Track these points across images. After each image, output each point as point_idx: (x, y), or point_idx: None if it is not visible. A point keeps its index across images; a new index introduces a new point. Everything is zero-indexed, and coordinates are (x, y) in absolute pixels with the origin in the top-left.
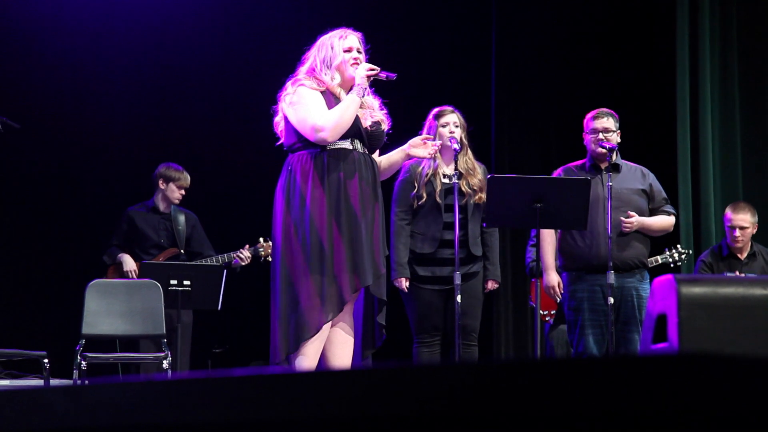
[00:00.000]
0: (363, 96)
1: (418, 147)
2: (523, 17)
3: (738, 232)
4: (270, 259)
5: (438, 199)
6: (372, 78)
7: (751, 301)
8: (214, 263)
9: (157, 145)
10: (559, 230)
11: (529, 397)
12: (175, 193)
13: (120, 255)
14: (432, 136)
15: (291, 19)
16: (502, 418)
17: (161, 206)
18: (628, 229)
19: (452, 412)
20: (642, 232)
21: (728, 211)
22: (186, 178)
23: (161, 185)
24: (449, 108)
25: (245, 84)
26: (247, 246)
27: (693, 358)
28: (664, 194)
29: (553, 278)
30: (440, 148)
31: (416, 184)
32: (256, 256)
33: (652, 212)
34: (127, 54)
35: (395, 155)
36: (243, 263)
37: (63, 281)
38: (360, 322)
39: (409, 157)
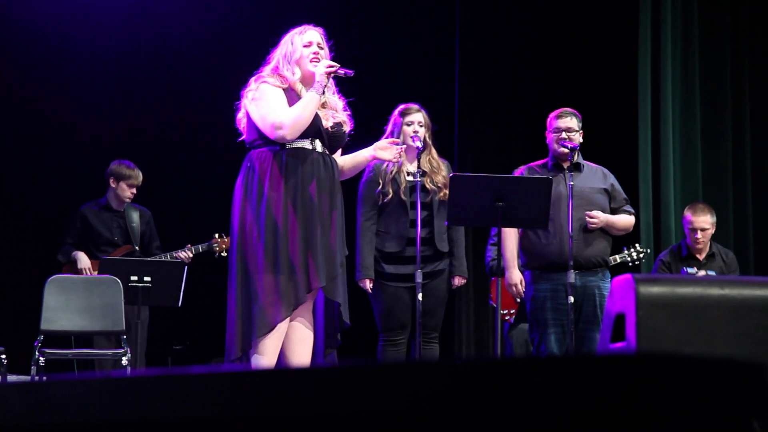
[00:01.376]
0: (323, 93)
1: (385, 150)
2: (487, 16)
3: (699, 234)
4: (225, 255)
5: (403, 196)
6: (332, 75)
7: (708, 301)
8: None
9: (114, 141)
10: (521, 229)
11: (489, 395)
12: (126, 192)
13: (74, 253)
14: (398, 140)
15: (254, 16)
16: (463, 416)
17: (114, 204)
18: (594, 226)
19: (414, 410)
20: (605, 231)
21: (688, 214)
22: (137, 176)
23: (112, 183)
24: (415, 106)
25: (208, 79)
26: (188, 245)
27: (650, 358)
28: (624, 194)
29: (516, 276)
30: (404, 148)
31: (381, 182)
32: (210, 252)
33: (613, 212)
34: (83, 50)
35: (360, 156)
36: (186, 263)
37: (20, 277)
38: (321, 320)
39: (374, 158)
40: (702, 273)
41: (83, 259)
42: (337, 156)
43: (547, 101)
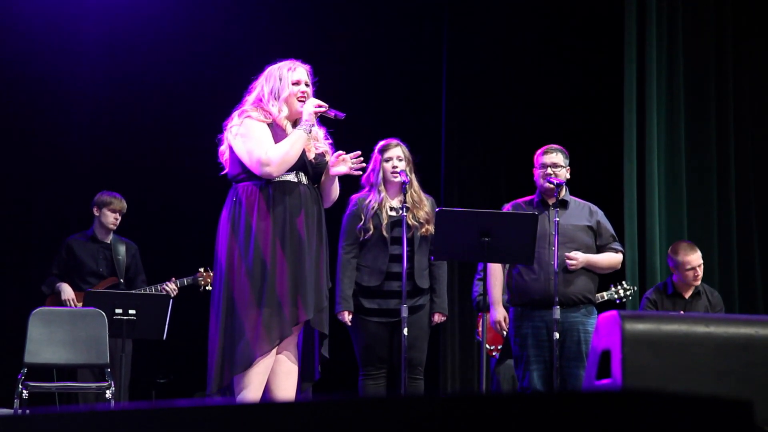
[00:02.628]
0: (310, 132)
1: (337, 165)
2: (474, 48)
3: (699, 271)
4: (210, 289)
5: (384, 232)
6: (319, 114)
7: (693, 338)
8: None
9: (100, 174)
10: (507, 265)
11: (473, 430)
12: (109, 218)
13: (58, 284)
14: (343, 152)
15: (239, 48)
16: None
17: (99, 235)
18: (573, 267)
19: None
20: (589, 269)
21: (680, 255)
22: (118, 202)
23: (96, 212)
24: (394, 141)
25: (192, 112)
26: (173, 278)
27: (636, 395)
28: (612, 231)
29: (500, 313)
30: (383, 181)
31: (363, 217)
32: (195, 285)
33: (600, 249)
34: (73, 78)
35: (324, 180)
36: (171, 295)
37: (4, 309)
38: (299, 355)
39: (335, 177)
40: None
41: (67, 291)
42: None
43: (533, 136)
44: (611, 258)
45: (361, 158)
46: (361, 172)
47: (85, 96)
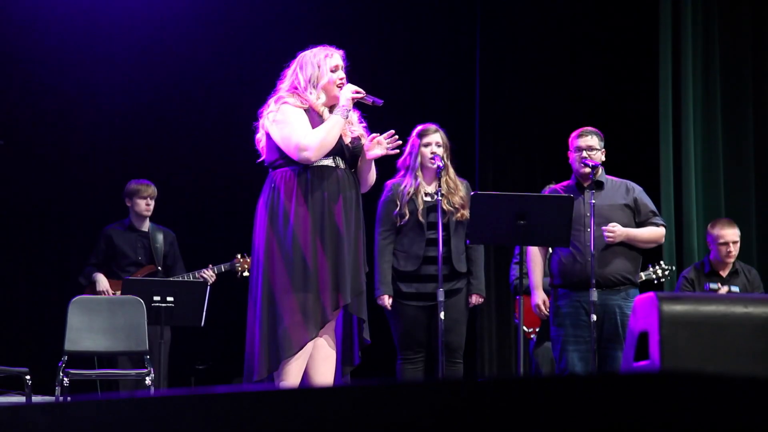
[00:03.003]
0: (347, 117)
1: (374, 148)
2: (507, 35)
3: (732, 248)
4: (246, 275)
5: (420, 217)
6: (356, 100)
7: (731, 319)
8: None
9: (136, 163)
10: (549, 248)
11: (512, 414)
12: (141, 206)
13: (95, 275)
14: (377, 134)
15: (271, 36)
16: None
17: (136, 223)
18: (611, 240)
19: (436, 429)
20: (629, 247)
21: (716, 229)
22: (146, 189)
23: (128, 203)
24: (433, 126)
25: (226, 100)
26: (210, 265)
27: (674, 376)
28: (651, 207)
29: (539, 296)
30: (420, 166)
31: (398, 203)
32: (232, 271)
33: (640, 225)
34: (107, 70)
35: (361, 164)
36: (209, 282)
37: (44, 297)
38: (339, 340)
39: (371, 161)
40: (725, 288)
41: (102, 282)
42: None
43: (567, 120)
44: (652, 231)
45: (396, 137)
46: (398, 151)
47: (118, 86)
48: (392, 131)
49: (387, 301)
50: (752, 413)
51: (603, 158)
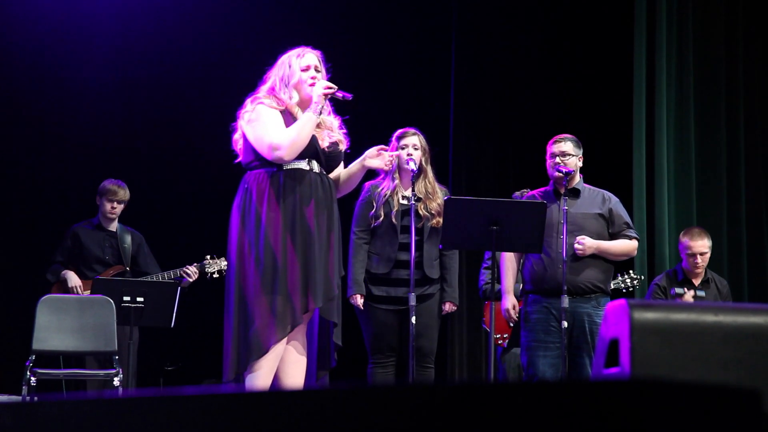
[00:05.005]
0: (320, 114)
1: (374, 158)
2: (482, 40)
3: (699, 259)
4: (216, 276)
5: (394, 220)
6: (329, 96)
7: (702, 327)
8: (166, 279)
9: (108, 161)
10: (523, 253)
11: (482, 420)
12: (106, 207)
13: (64, 272)
14: (387, 147)
15: (252, 37)
16: None
17: (104, 223)
18: (580, 252)
19: None
20: (601, 257)
21: (685, 239)
22: (117, 192)
23: (98, 202)
24: (411, 130)
25: (205, 99)
26: (195, 264)
27: (644, 384)
28: (626, 218)
29: (509, 301)
30: (398, 169)
31: (374, 204)
32: (202, 272)
33: (613, 237)
34: (81, 69)
35: (353, 167)
36: (191, 279)
37: (11, 296)
38: (315, 342)
39: (366, 168)
40: (690, 293)
41: (73, 278)
42: (333, 175)
43: (541, 126)
44: (624, 244)
45: (392, 156)
46: (389, 167)
47: (92, 83)
48: (396, 154)
49: (359, 300)
50: (722, 421)
51: (580, 164)
